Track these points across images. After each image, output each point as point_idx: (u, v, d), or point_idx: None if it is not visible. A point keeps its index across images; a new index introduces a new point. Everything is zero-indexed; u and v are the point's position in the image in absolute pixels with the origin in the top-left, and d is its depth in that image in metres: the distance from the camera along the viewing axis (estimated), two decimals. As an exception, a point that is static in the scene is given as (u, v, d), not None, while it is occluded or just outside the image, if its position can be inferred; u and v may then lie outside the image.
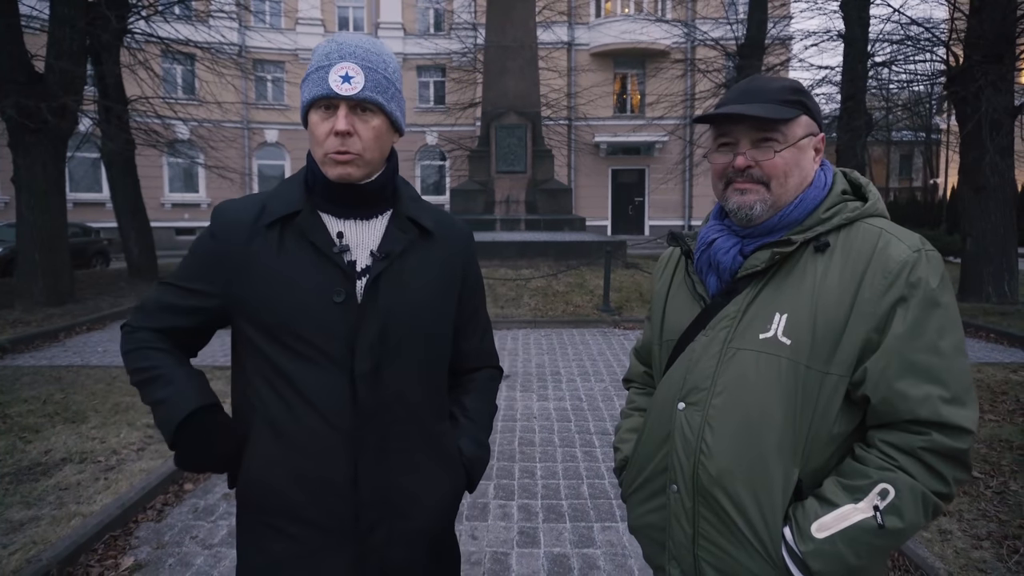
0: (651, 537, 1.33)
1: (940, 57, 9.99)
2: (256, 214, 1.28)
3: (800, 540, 1.11)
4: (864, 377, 1.11)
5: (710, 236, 1.30)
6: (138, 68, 12.35)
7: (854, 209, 1.20)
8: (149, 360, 1.29)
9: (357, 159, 1.24)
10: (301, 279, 1.24)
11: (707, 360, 1.22)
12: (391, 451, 1.28)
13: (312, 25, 25.47)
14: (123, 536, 3.37)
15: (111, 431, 4.68)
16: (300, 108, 1.29)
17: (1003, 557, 2.98)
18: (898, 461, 1.09)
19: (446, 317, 1.39)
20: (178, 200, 24.60)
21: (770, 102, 1.20)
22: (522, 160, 14.05)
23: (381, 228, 1.32)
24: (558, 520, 3.54)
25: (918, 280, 1.11)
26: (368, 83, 1.22)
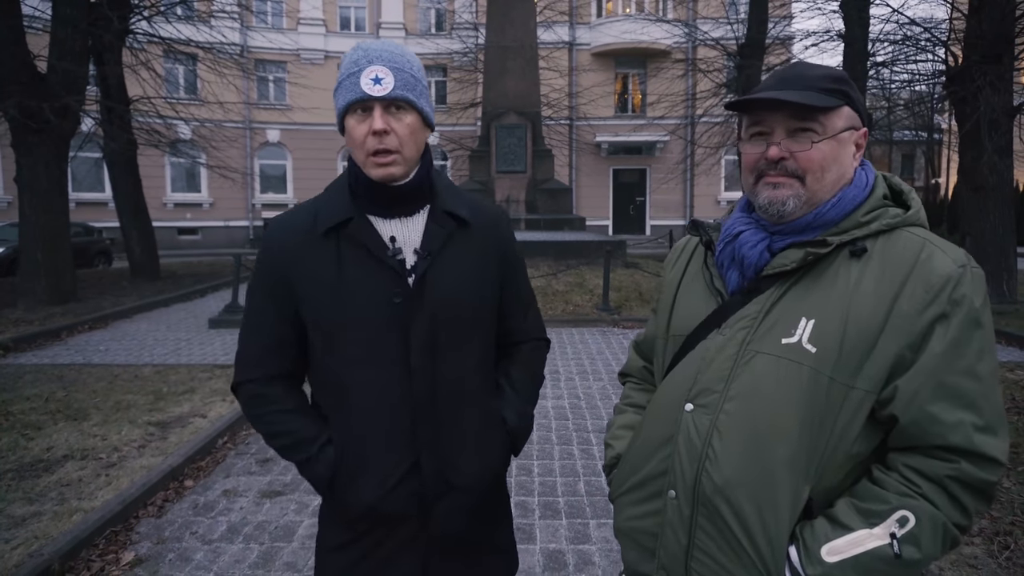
0: (639, 542, 1.24)
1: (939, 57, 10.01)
2: (309, 225, 1.35)
3: (807, 562, 1.03)
4: (894, 395, 1.03)
5: (736, 228, 1.20)
6: (140, 68, 12.39)
7: (895, 216, 1.12)
8: (277, 425, 1.39)
9: (397, 156, 1.30)
10: (360, 283, 1.32)
11: (722, 361, 1.13)
12: (447, 434, 1.38)
13: (313, 25, 25.51)
14: (124, 531, 3.41)
15: (112, 428, 4.73)
16: (336, 118, 1.34)
17: (994, 553, 3.01)
18: (921, 488, 1.02)
19: (489, 302, 1.46)
20: (180, 200, 24.65)
21: (809, 89, 1.11)
22: (522, 160, 14.07)
23: (421, 224, 1.39)
24: (554, 517, 3.57)
25: (962, 297, 1.03)
26: (398, 82, 1.28)
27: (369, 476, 1.34)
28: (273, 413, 1.38)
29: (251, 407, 1.41)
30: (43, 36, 10.51)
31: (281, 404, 1.39)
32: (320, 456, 1.35)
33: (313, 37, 25.48)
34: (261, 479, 4.08)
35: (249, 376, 1.40)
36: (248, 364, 1.41)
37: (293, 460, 1.39)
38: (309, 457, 1.36)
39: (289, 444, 1.38)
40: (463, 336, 1.40)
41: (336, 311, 1.31)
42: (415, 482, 1.35)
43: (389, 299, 1.31)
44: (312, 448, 1.36)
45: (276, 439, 1.39)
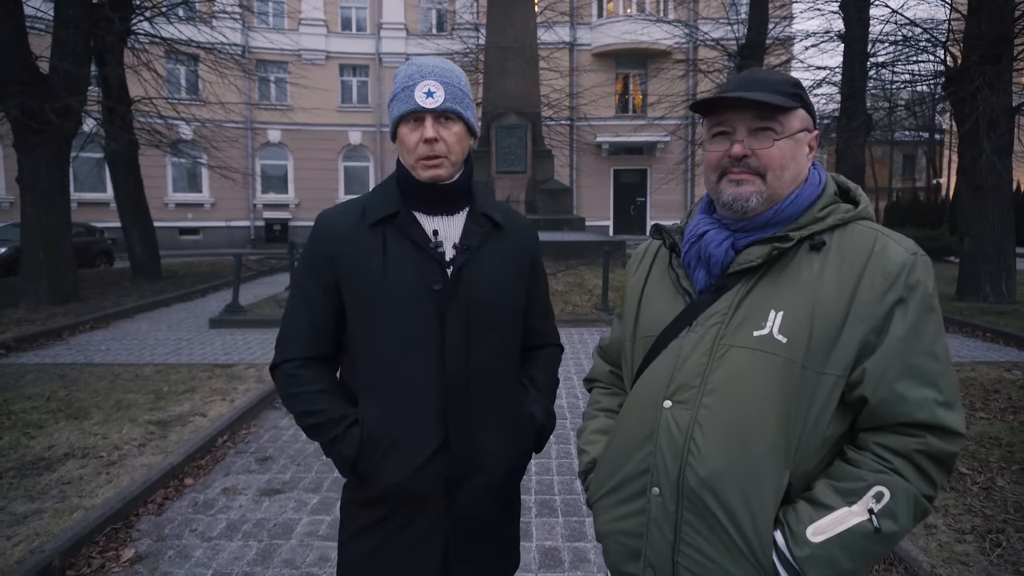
0: (623, 544, 1.25)
1: (938, 58, 10.03)
2: (359, 216, 1.47)
3: (795, 545, 1.07)
4: (863, 378, 1.09)
5: (700, 229, 1.25)
6: (141, 69, 12.42)
7: (847, 210, 1.19)
8: (308, 405, 1.46)
9: (444, 160, 1.44)
10: (403, 271, 1.43)
11: (697, 357, 1.17)
12: (476, 415, 1.47)
13: (315, 25, 25.56)
14: (124, 529, 3.44)
15: (113, 427, 4.76)
16: (390, 125, 1.49)
17: (986, 551, 3.04)
18: (893, 464, 1.08)
19: (517, 298, 1.58)
20: (181, 200, 24.70)
21: (770, 92, 1.17)
22: (522, 160, 14.10)
23: (461, 223, 1.52)
24: (551, 515, 3.60)
25: (916, 282, 1.10)
26: (448, 96, 1.43)
27: (399, 455, 1.41)
28: (306, 394, 1.46)
29: (286, 386, 1.48)
30: (45, 37, 10.56)
31: (314, 385, 1.46)
32: (346, 436, 1.43)
33: (314, 37, 25.52)
34: (260, 477, 4.11)
35: (288, 356, 1.48)
36: (288, 344, 1.49)
37: (320, 440, 1.46)
38: (336, 436, 1.43)
39: (317, 424, 1.44)
40: (495, 328, 1.51)
41: (379, 295, 1.42)
42: (443, 463, 1.43)
43: (429, 287, 1.42)
44: (339, 428, 1.43)
45: (305, 418, 1.45)
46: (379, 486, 1.43)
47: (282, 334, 1.52)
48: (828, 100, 14.40)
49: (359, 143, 26.28)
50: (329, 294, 1.46)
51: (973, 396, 5.45)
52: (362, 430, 1.43)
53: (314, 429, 1.46)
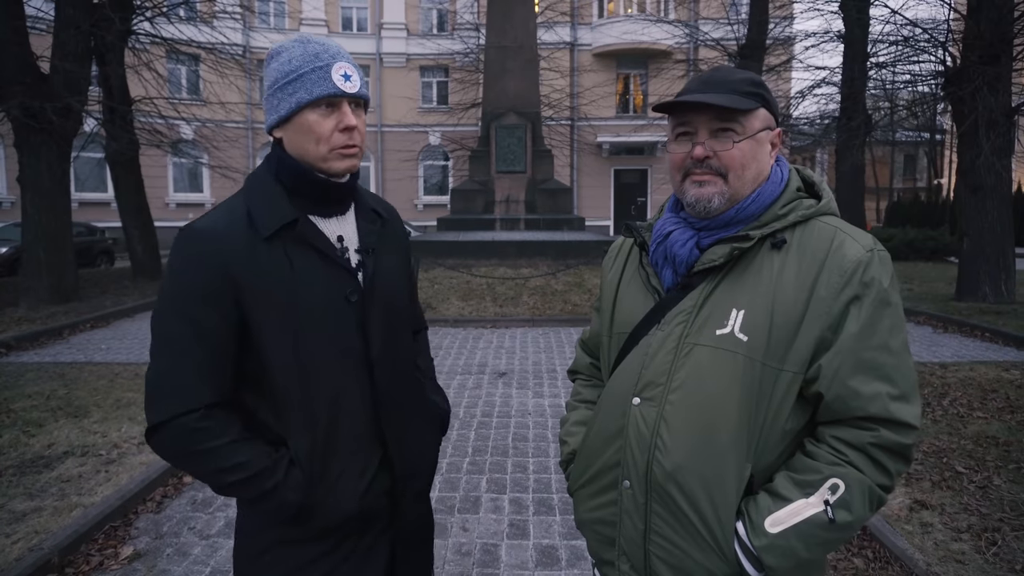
0: (599, 532, 1.31)
1: (938, 58, 10.04)
2: (245, 227, 1.25)
3: (753, 535, 1.12)
4: (818, 374, 1.12)
5: (666, 228, 1.28)
6: (142, 69, 12.44)
7: (809, 207, 1.21)
8: (229, 459, 1.22)
9: (359, 151, 1.32)
10: (315, 285, 1.28)
11: (663, 355, 1.20)
12: (407, 424, 1.43)
13: (316, 26, 25.57)
14: (123, 526, 3.45)
15: (112, 426, 4.77)
16: (282, 111, 1.27)
17: (981, 549, 3.04)
18: (847, 456, 1.12)
19: (407, 292, 1.53)
20: (182, 200, 24.74)
21: (730, 92, 1.19)
22: (522, 160, 14.10)
23: (352, 222, 1.40)
24: (548, 513, 3.61)
25: (871, 280, 1.13)
26: (362, 81, 1.32)
27: (346, 484, 1.31)
28: (221, 448, 1.21)
29: (192, 444, 1.21)
30: (46, 37, 10.59)
31: (227, 435, 1.23)
32: (288, 480, 1.25)
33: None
34: (259, 476, 4.12)
35: (182, 408, 1.20)
36: (178, 394, 1.21)
37: (254, 494, 1.25)
38: (276, 484, 1.23)
39: (247, 478, 1.22)
40: (403, 327, 1.46)
41: (293, 316, 1.25)
42: (385, 477, 1.38)
43: (345, 298, 1.31)
44: (278, 474, 1.24)
45: (227, 475, 1.22)
46: (326, 522, 1.30)
47: (162, 383, 1.22)
48: (828, 100, 14.42)
49: (360, 143, 26.27)
50: (229, 324, 1.23)
51: (971, 396, 5.45)
52: (302, 469, 1.27)
53: (243, 484, 1.22)
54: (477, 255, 11.92)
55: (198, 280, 1.22)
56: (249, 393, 1.30)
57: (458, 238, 12.87)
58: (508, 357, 7.27)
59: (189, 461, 1.25)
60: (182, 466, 1.28)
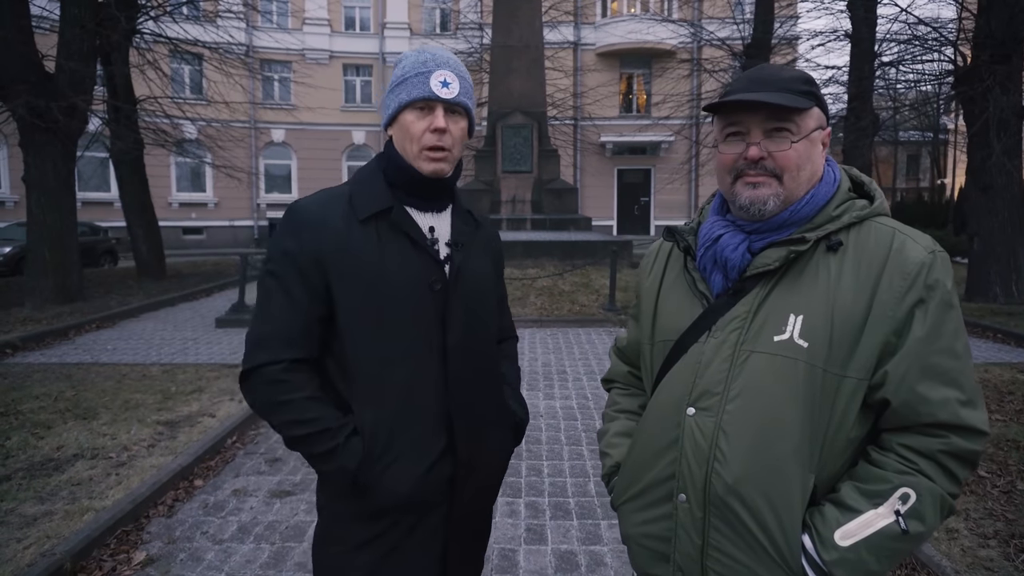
0: (649, 548, 1.26)
1: (948, 57, 9.98)
2: (345, 210, 1.37)
3: (822, 548, 1.08)
4: (884, 380, 1.09)
5: (715, 232, 1.23)
6: (147, 68, 12.41)
7: (863, 207, 1.18)
8: (301, 413, 1.31)
9: (448, 155, 1.40)
10: (402, 269, 1.36)
11: (719, 363, 1.16)
12: (475, 415, 1.44)
13: (319, 25, 25.54)
14: (135, 531, 3.41)
15: (122, 427, 4.73)
16: (391, 109, 1.40)
17: (1010, 556, 2.99)
18: (918, 464, 1.08)
19: (494, 296, 1.59)
20: (185, 199, 24.70)
21: (783, 91, 1.15)
22: (528, 160, 14.07)
23: (448, 219, 1.48)
24: (565, 517, 3.56)
25: (936, 282, 1.09)
26: (461, 89, 1.40)
27: (404, 464, 1.34)
28: (296, 401, 1.31)
29: (270, 393, 1.32)
30: (51, 36, 10.55)
31: (304, 390, 1.33)
32: (347, 446, 1.32)
33: (318, 37, 25.51)
34: (271, 479, 4.07)
35: (270, 358, 1.32)
36: (271, 345, 1.33)
37: (314, 451, 1.33)
38: (336, 446, 1.31)
39: (310, 434, 1.31)
40: (485, 325, 1.50)
41: (377, 294, 1.34)
42: (447, 467, 1.39)
43: (429, 285, 1.37)
44: (339, 437, 1.31)
45: (295, 428, 1.32)
46: (383, 500, 1.34)
47: (258, 333, 1.35)
48: (835, 100, 14.35)
49: (363, 143, 26.27)
50: (316, 295, 1.34)
51: (987, 398, 5.39)
52: (363, 440, 1.33)
53: (307, 440, 1.32)
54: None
55: (294, 250, 1.34)
56: (329, 358, 1.39)
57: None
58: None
59: (268, 408, 1.34)
60: (262, 412, 1.36)
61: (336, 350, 1.38)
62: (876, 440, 1.15)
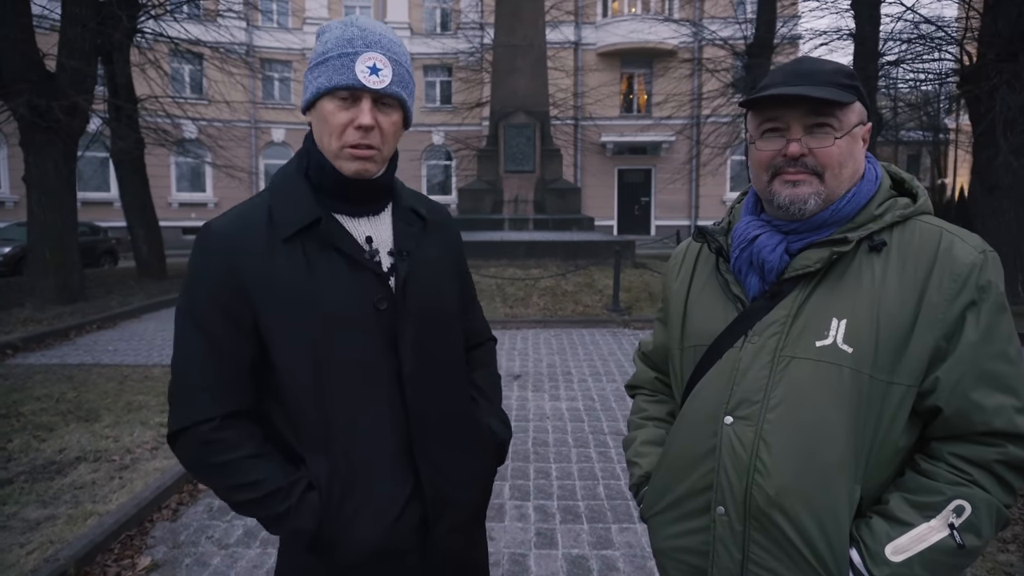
0: (685, 561, 1.21)
1: (953, 55, 9.94)
2: (264, 227, 1.17)
3: (872, 564, 1.03)
4: (935, 386, 1.04)
5: (751, 232, 1.17)
6: (148, 67, 12.37)
7: (906, 205, 1.12)
8: (243, 476, 1.15)
9: (376, 154, 1.19)
10: (339, 291, 1.17)
11: (757, 370, 1.11)
12: (442, 448, 1.27)
13: (320, 24, 25.44)
14: (139, 535, 3.36)
15: (124, 430, 4.68)
16: (307, 94, 1.18)
17: (1029, 561, 2.95)
18: (972, 475, 1.03)
19: (458, 302, 1.39)
20: (185, 199, 24.67)
21: (826, 84, 1.09)
22: (531, 159, 14.02)
23: (388, 222, 1.28)
24: (575, 521, 3.51)
25: (988, 283, 1.05)
26: (394, 77, 1.17)
27: (370, 513, 1.18)
28: (235, 461, 1.14)
29: (207, 455, 1.15)
30: (52, 35, 10.49)
31: (243, 449, 1.15)
32: (301, 506, 1.15)
33: (319, 36, 25.48)
34: (276, 482, 4.02)
35: (200, 416, 1.14)
36: (196, 401, 1.15)
37: (265, 515, 1.16)
38: (289, 508, 1.14)
39: (258, 498, 1.14)
40: (445, 341, 1.31)
41: (312, 326, 1.15)
42: (417, 508, 1.23)
43: (372, 306, 1.18)
44: (291, 498, 1.14)
45: (239, 493, 1.15)
46: (350, 555, 1.18)
47: (181, 388, 1.17)
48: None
49: (363, 142, 26.23)
50: (243, 334, 1.15)
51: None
52: (320, 494, 1.16)
53: (254, 504, 1.15)
54: (486, 255, 11.80)
55: (210, 287, 1.15)
56: (271, 404, 1.21)
57: (466, 238, 12.68)
58: (521, 359, 7.17)
59: (204, 473, 1.19)
60: (198, 477, 1.22)
61: (275, 393, 1.19)
62: (924, 449, 1.10)
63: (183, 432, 1.16)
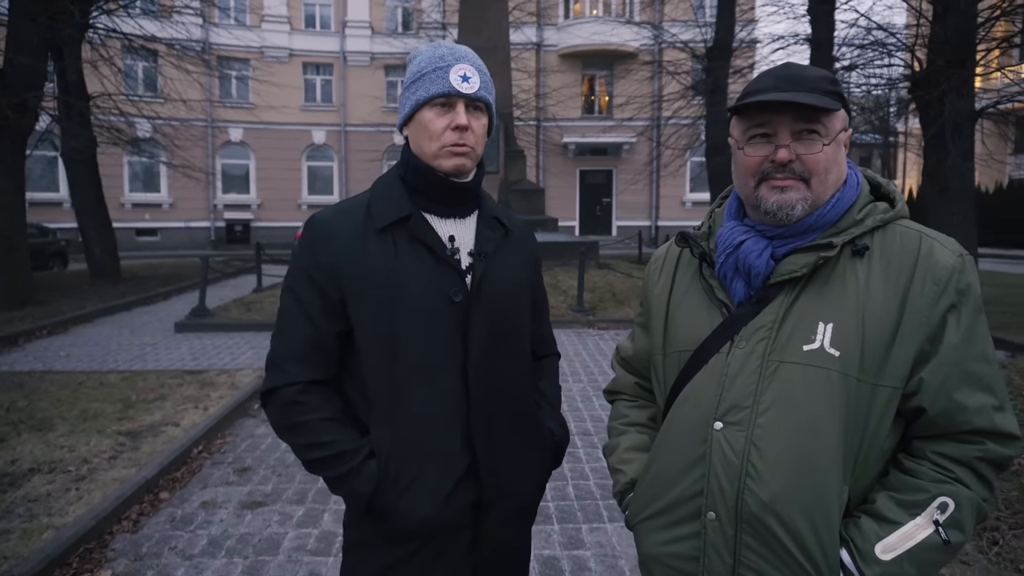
0: (675, 568, 1.21)
1: (904, 61, 10.25)
2: (361, 220, 1.32)
3: (863, 563, 1.06)
4: (920, 388, 1.07)
5: (736, 238, 1.18)
6: (100, 64, 12.01)
7: (885, 210, 1.15)
8: (317, 436, 1.29)
9: (471, 152, 1.32)
10: (419, 281, 1.29)
11: (746, 375, 1.12)
12: (501, 436, 1.36)
13: (278, 22, 25.10)
14: (98, 548, 3.25)
15: (80, 439, 4.52)
16: (406, 109, 1.34)
17: (983, 549, 3.06)
18: (955, 473, 1.07)
19: (528, 308, 1.51)
20: (139, 200, 24.04)
21: (812, 91, 1.11)
22: (495, 161, 13.97)
23: (472, 226, 1.40)
24: (546, 522, 3.52)
25: (967, 287, 1.08)
26: (482, 84, 1.32)
27: (423, 487, 1.28)
28: (312, 423, 1.29)
29: (287, 415, 1.30)
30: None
31: (320, 412, 1.30)
32: (362, 470, 1.27)
33: (278, 35, 25.07)
34: (241, 489, 3.94)
35: (288, 379, 1.30)
36: (287, 366, 1.31)
37: (329, 475, 1.30)
38: (350, 470, 1.27)
39: (326, 457, 1.28)
40: (514, 340, 1.42)
41: (393, 310, 1.28)
42: (471, 490, 1.32)
43: (448, 297, 1.30)
44: (354, 461, 1.27)
45: (311, 451, 1.29)
46: (403, 523, 1.29)
47: (276, 354, 1.34)
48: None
49: (323, 143, 25.90)
50: (333, 311, 1.31)
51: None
52: (379, 462, 1.28)
53: (322, 463, 1.29)
54: None
55: (309, 266, 1.31)
56: (346, 376, 1.35)
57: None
58: (488, 360, 7.16)
59: (284, 430, 1.32)
60: (280, 434, 1.34)
61: (354, 369, 1.34)
62: (907, 448, 1.13)
63: (272, 392, 1.32)
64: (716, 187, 14.60)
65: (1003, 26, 10.50)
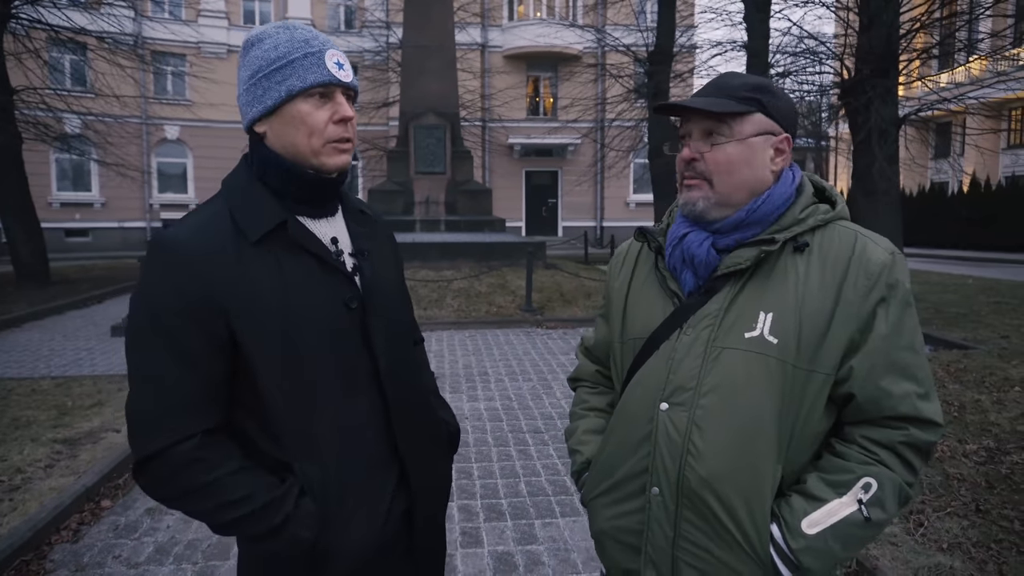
0: (622, 541, 1.28)
1: (833, 69, 10.71)
2: (229, 235, 1.13)
3: (790, 537, 1.13)
4: (849, 375, 1.15)
5: (681, 231, 1.28)
6: (25, 56, 11.45)
7: (826, 211, 1.23)
8: (232, 492, 1.10)
9: (352, 146, 1.22)
10: (311, 293, 1.16)
11: (691, 360, 1.19)
12: (417, 437, 1.31)
13: (216, 18, 24.41)
14: (36, 560, 3.14)
15: (12, 448, 4.34)
16: (269, 100, 1.15)
17: (910, 531, 3.24)
18: (879, 455, 1.14)
19: (408, 299, 1.45)
20: (68, 199, 23.01)
21: (725, 97, 1.20)
22: (441, 161, 13.98)
23: (342, 224, 1.29)
24: (499, 519, 3.57)
25: (896, 282, 1.16)
26: (352, 70, 1.22)
27: (363, 513, 1.20)
28: (224, 478, 1.10)
29: (190, 477, 1.09)
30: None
31: (230, 464, 1.11)
32: (299, 512, 1.12)
33: (216, 30, 24.37)
34: (187, 495, 3.85)
35: (180, 435, 1.08)
36: (171, 422, 1.09)
37: (259, 530, 1.12)
38: (287, 517, 1.11)
39: (252, 512, 1.10)
40: (406, 336, 1.37)
41: (290, 328, 1.13)
42: (402, 500, 1.27)
43: (344, 306, 1.19)
44: (286, 506, 1.11)
45: (230, 511, 1.10)
46: (348, 558, 1.17)
47: (148, 412, 1.10)
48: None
49: (265, 141, 25.29)
50: (217, 346, 1.10)
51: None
52: (314, 499, 1.14)
53: (246, 521, 1.11)
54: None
55: (179, 298, 1.09)
56: (245, 417, 1.17)
57: (377, 240, 12.56)
58: (437, 360, 7.17)
59: (185, 496, 1.12)
60: (178, 504, 1.14)
61: (251, 404, 1.15)
62: (839, 433, 1.21)
63: (157, 457, 1.09)
64: (659, 188, 14.90)
65: (923, 38, 11.10)
